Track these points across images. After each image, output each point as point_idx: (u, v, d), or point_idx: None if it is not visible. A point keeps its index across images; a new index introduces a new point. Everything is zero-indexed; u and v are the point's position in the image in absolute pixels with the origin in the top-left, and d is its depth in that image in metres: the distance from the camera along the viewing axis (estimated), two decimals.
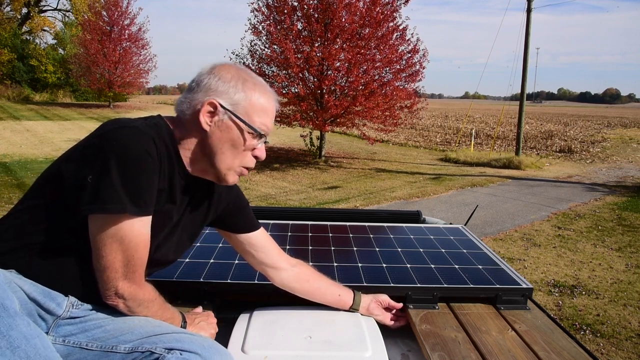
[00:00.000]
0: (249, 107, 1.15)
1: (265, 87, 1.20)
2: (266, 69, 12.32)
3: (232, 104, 1.13)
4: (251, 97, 1.15)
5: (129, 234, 1.04)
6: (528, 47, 13.13)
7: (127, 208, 1.01)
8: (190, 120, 1.14)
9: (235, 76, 1.15)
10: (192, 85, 1.16)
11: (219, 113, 1.13)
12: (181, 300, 1.49)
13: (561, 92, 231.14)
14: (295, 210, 2.56)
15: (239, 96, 1.14)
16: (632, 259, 5.36)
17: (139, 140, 1.03)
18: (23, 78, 31.47)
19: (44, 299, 1.04)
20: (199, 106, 1.12)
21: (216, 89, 1.13)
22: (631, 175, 12.12)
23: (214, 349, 1.07)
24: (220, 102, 1.12)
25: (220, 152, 1.15)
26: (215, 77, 1.14)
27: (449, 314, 1.49)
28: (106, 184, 0.99)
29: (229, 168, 1.18)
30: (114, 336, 1.07)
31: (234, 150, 1.16)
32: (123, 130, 1.03)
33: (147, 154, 1.03)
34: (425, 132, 22.36)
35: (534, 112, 43.97)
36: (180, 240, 1.28)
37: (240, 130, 1.14)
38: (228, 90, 1.14)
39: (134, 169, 1.01)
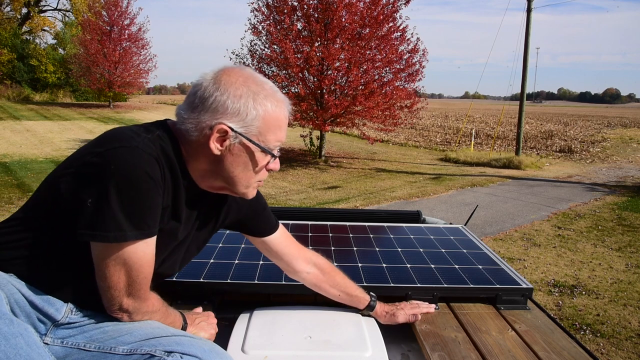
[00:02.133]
0: (262, 127, 1.06)
1: (276, 95, 1.10)
2: (266, 69, 12.32)
3: (244, 125, 1.05)
4: (264, 114, 1.06)
5: (132, 256, 1.01)
6: (528, 47, 13.13)
7: (128, 235, 0.98)
8: (197, 142, 1.06)
9: (245, 91, 1.04)
10: (196, 102, 1.05)
11: (229, 137, 1.04)
12: (181, 300, 1.50)
13: (561, 92, 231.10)
14: (295, 210, 2.56)
15: (251, 116, 1.05)
16: (632, 259, 5.36)
17: (139, 162, 0.97)
18: (23, 78, 31.46)
19: (43, 304, 1.04)
20: (207, 130, 1.04)
21: (225, 110, 1.03)
22: (631, 175, 12.12)
23: (214, 352, 1.06)
24: (231, 126, 1.03)
25: (233, 174, 1.10)
26: (224, 95, 1.03)
27: (449, 314, 1.49)
28: (106, 211, 0.95)
29: (247, 187, 1.13)
30: (112, 337, 1.07)
31: (248, 172, 1.11)
32: (123, 152, 0.97)
33: (149, 176, 0.98)
34: (425, 132, 22.35)
35: (534, 112, 43.97)
36: (188, 252, 1.26)
37: (252, 153, 1.08)
38: (239, 110, 1.04)
39: (134, 194, 0.97)
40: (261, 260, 1.71)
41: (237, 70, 1.07)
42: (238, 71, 1.07)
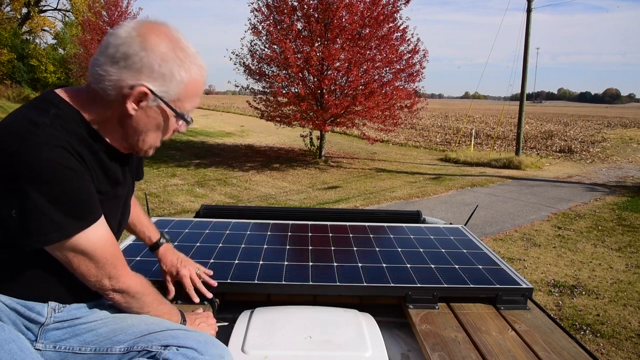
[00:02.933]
0: (182, 93, 1.04)
1: (198, 60, 1.06)
2: (266, 69, 12.32)
3: (165, 90, 1.01)
4: (187, 81, 1.03)
5: (87, 244, 0.99)
6: (528, 47, 13.13)
7: (71, 230, 0.96)
8: (112, 101, 1.01)
9: (172, 56, 1.00)
10: (117, 56, 0.97)
11: (148, 100, 1.01)
12: (181, 300, 1.49)
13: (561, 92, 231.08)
14: (295, 210, 2.56)
15: (175, 82, 1.01)
16: (632, 259, 5.36)
17: (50, 158, 0.91)
18: (23, 78, 31.47)
19: (23, 309, 1.03)
20: (126, 90, 0.99)
21: (150, 72, 0.98)
22: (631, 175, 12.12)
23: (210, 343, 1.07)
24: (153, 89, 1.00)
25: (144, 134, 1.07)
26: (150, 56, 0.98)
27: (449, 314, 1.49)
28: (35, 215, 0.91)
29: (151, 147, 1.12)
30: (107, 338, 1.07)
31: (158, 132, 1.08)
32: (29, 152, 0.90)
33: (65, 167, 0.93)
34: (425, 132, 22.35)
35: (534, 112, 43.96)
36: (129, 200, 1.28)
37: (167, 116, 1.06)
38: (164, 74, 1.00)
39: (58, 189, 0.93)
40: (261, 260, 1.71)
41: (164, 29, 1.02)
42: (165, 30, 1.02)
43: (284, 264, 1.68)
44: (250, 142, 16.72)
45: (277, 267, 1.65)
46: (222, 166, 11.60)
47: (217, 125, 22.93)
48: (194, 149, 14.55)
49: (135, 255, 1.72)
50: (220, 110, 33.63)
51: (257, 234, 2.03)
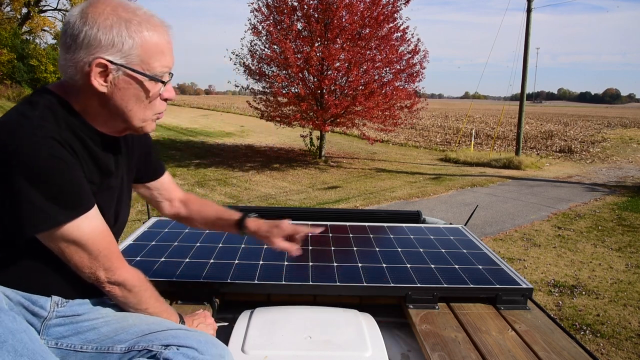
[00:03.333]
0: (143, 54, 0.99)
1: (152, 20, 1.02)
2: (266, 69, 12.32)
3: (123, 56, 0.98)
4: (142, 40, 0.99)
5: (80, 236, 0.99)
6: (528, 47, 13.13)
7: (61, 219, 0.96)
8: (83, 86, 1.00)
9: (115, 20, 0.97)
10: (68, 41, 0.97)
11: (111, 71, 0.98)
12: (181, 300, 1.50)
13: (561, 92, 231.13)
14: (295, 210, 2.56)
15: (128, 44, 0.98)
16: (632, 259, 5.36)
17: (39, 149, 0.92)
18: (23, 78, 31.46)
19: (28, 303, 1.03)
20: (87, 68, 0.97)
21: (98, 43, 0.96)
22: (631, 175, 12.12)
23: (211, 343, 1.07)
24: (109, 58, 0.97)
25: (127, 109, 1.04)
26: (93, 28, 0.95)
27: (449, 314, 1.49)
28: (26, 205, 0.92)
29: (144, 120, 1.08)
30: (108, 337, 1.07)
31: (140, 104, 1.04)
32: (18, 144, 0.91)
33: (55, 157, 0.93)
34: (425, 132, 22.35)
35: (534, 112, 43.96)
36: (128, 194, 1.27)
37: (140, 82, 1.02)
38: (113, 40, 0.96)
39: (48, 179, 0.93)
40: (261, 260, 1.71)
41: (104, 0, 0.99)
42: (104, 1, 0.99)
43: (283, 264, 1.68)
44: (250, 142, 16.72)
45: (277, 267, 1.65)
46: (222, 166, 11.60)
47: (217, 125, 22.92)
48: (194, 149, 14.56)
49: (135, 255, 1.72)
50: (220, 110, 33.64)
51: None
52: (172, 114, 28.22)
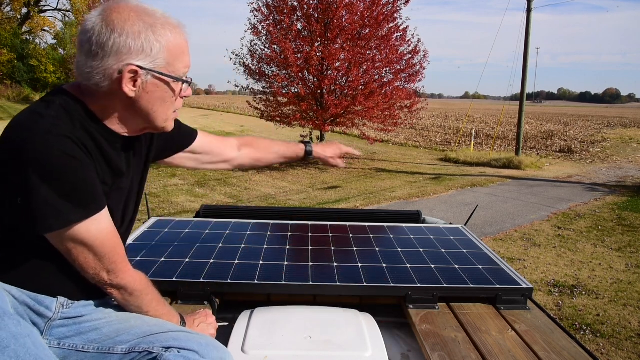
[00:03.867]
0: (168, 57, 1.03)
1: (171, 21, 1.05)
2: (266, 69, 12.32)
3: (152, 61, 1.01)
4: (166, 43, 1.02)
5: (88, 237, 1.00)
6: (528, 47, 13.13)
7: (72, 217, 0.96)
8: (110, 91, 1.02)
9: (142, 26, 0.99)
10: (94, 49, 0.98)
11: (140, 76, 1.01)
12: (181, 300, 1.50)
13: (561, 92, 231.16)
14: (295, 210, 2.56)
15: (156, 49, 1.01)
16: (632, 259, 5.36)
17: (54, 146, 0.93)
18: (23, 78, 31.45)
19: (33, 303, 1.04)
20: (116, 75, 0.99)
21: (129, 50, 0.99)
22: (631, 175, 12.12)
23: (212, 346, 1.07)
24: (139, 64, 1.00)
25: (152, 111, 1.07)
26: (122, 35, 0.98)
27: (449, 314, 1.49)
28: (38, 202, 0.92)
29: (166, 120, 1.12)
30: (110, 337, 1.07)
31: (165, 104, 1.09)
32: (33, 141, 0.92)
33: (69, 156, 0.94)
34: (425, 132, 22.35)
35: (534, 112, 43.96)
36: (138, 194, 1.27)
37: (167, 84, 1.06)
38: (142, 47, 0.99)
39: (61, 177, 0.94)
40: (261, 260, 1.71)
41: (124, 5, 1.02)
42: (125, 6, 1.02)
43: (284, 264, 1.68)
44: None
45: (277, 267, 1.65)
46: None
47: (217, 125, 22.93)
48: None
49: (135, 255, 1.72)
50: (220, 110, 33.63)
51: (257, 234, 2.03)
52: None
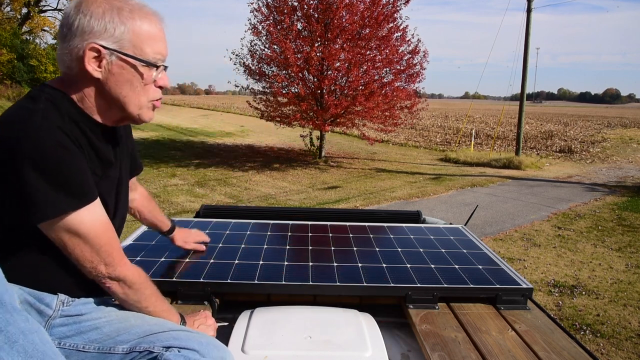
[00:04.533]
0: (134, 39, 1.03)
1: (144, 9, 1.06)
2: (266, 69, 12.32)
3: (115, 41, 1.02)
4: (133, 26, 1.03)
5: (82, 227, 1.01)
6: (528, 47, 13.13)
7: (65, 206, 0.97)
8: (79, 74, 1.04)
9: (107, 8, 1.01)
10: (64, 31, 1.02)
11: (105, 56, 1.02)
12: (181, 300, 1.50)
13: (561, 92, 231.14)
14: (295, 210, 2.56)
15: (120, 30, 1.02)
16: (632, 259, 5.36)
17: (47, 140, 0.95)
18: (23, 78, 31.44)
19: (33, 300, 1.04)
20: (81, 53, 1.01)
21: (91, 29, 1.00)
22: (631, 175, 12.12)
23: (212, 345, 1.07)
24: (102, 43, 1.01)
25: (122, 95, 1.06)
26: (86, 16, 1.00)
27: (449, 314, 1.49)
28: (34, 193, 0.94)
29: (140, 107, 1.10)
30: (110, 337, 1.07)
31: (134, 89, 1.07)
32: (26, 135, 0.94)
33: (62, 146, 0.96)
34: (425, 132, 22.35)
35: (534, 112, 43.95)
36: (127, 185, 1.30)
37: (133, 67, 1.05)
38: (105, 26, 1.01)
39: (54, 167, 0.95)
40: (261, 260, 1.71)
41: None
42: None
43: (284, 264, 1.68)
44: (250, 142, 16.72)
45: (277, 267, 1.65)
46: (222, 166, 11.60)
47: (217, 125, 22.92)
48: (194, 149, 14.56)
49: (135, 255, 1.72)
50: (220, 110, 33.62)
51: (257, 234, 2.03)
52: (172, 113, 28.23)
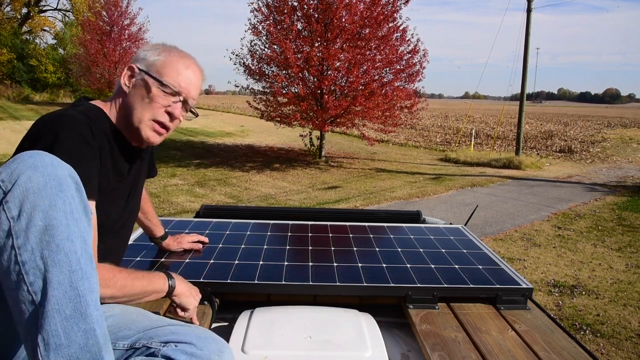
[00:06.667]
0: (162, 66, 1.22)
1: (189, 58, 1.27)
2: (266, 69, 12.32)
3: (148, 65, 1.22)
4: (167, 59, 1.23)
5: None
6: (528, 47, 13.13)
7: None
8: (118, 90, 1.25)
9: (156, 45, 1.26)
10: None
11: (135, 75, 1.22)
12: None
13: (561, 92, 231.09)
14: (295, 210, 2.56)
15: (156, 59, 1.23)
16: (632, 259, 5.36)
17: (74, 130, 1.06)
18: (23, 78, 31.45)
19: None
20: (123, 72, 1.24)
21: (138, 56, 1.25)
22: (631, 175, 12.12)
23: (210, 338, 1.08)
24: (138, 65, 1.23)
25: (132, 107, 1.21)
26: (143, 49, 1.26)
27: (449, 314, 1.49)
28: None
29: (140, 121, 1.20)
30: (112, 332, 1.07)
31: (142, 103, 1.20)
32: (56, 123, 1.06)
33: (86, 141, 1.07)
34: (425, 132, 22.35)
35: (534, 112, 43.95)
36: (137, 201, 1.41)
37: (150, 85, 1.21)
38: (148, 55, 1.23)
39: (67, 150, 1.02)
40: (261, 260, 1.71)
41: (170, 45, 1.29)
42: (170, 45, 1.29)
43: (284, 264, 1.68)
44: (250, 142, 16.72)
45: (277, 267, 1.65)
46: (222, 166, 11.60)
47: (217, 125, 22.92)
48: (194, 149, 14.55)
49: (135, 255, 1.73)
50: (220, 110, 33.62)
51: (257, 234, 2.03)
52: None
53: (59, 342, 0.79)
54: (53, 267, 0.80)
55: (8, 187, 0.83)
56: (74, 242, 0.83)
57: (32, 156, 0.86)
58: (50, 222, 0.82)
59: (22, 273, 0.80)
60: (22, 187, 0.82)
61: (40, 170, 0.84)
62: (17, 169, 0.84)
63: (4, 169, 0.85)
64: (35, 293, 0.80)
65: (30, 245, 0.80)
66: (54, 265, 0.80)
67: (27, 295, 0.80)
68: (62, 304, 0.80)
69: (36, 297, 0.80)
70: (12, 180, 0.83)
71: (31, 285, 0.80)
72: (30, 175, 0.83)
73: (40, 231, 0.81)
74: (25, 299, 0.80)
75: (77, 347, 0.80)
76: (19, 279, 0.80)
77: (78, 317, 0.81)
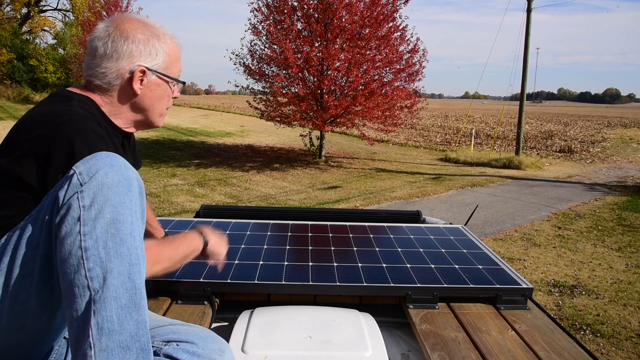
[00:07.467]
0: (168, 61, 1.25)
1: (167, 31, 1.28)
2: (266, 69, 12.32)
3: (156, 63, 1.23)
4: (166, 49, 1.25)
5: None
6: (528, 47, 13.13)
7: None
8: (119, 89, 1.21)
9: (148, 34, 1.22)
10: (108, 52, 1.17)
11: (147, 76, 1.22)
12: (181, 300, 1.50)
13: (561, 92, 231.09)
14: (295, 210, 2.56)
15: (160, 54, 1.23)
16: (632, 259, 5.36)
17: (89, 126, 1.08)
18: (23, 78, 31.44)
19: None
20: (128, 74, 1.19)
21: (140, 54, 1.20)
22: (631, 175, 12.12)
23: (211, 338, 1.09)
24: (147, 65, 1.21)
25: (152, 107, 1.26)
26: (133, 41, 1.19)
27: (449, 313, 1.49)
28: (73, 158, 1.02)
29: (160, 114, 1.31)
30: None
31: (162, 101, 1.28)
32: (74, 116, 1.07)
33: (99, 136, 1.09)
34: (425, 132, 22.35)
35: (534, 112, 43.93)
36: None
37: (166, 84, 1.27)
38: (149, 51, 1.21)
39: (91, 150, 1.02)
40: (261, 260, 1.71)
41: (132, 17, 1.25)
42: (133, 18, 1.24)
43: (284, 264, 1.68)
44: (250, 142, 16.72)
45: (277, 267, 1.65)
46: (222, 166, 11.60)
47: (217, 125, 22.92)
48: (194, 149, 14.56)
49: None
50: (220, 110, 33.62)
51: (257, 234, 2.03)
52: (172, 113, 28.21)
53: (112, 327, 0.83)
54: (115, 258, 0.86)
55: (85, 179, 0.90)
56: (135, 238, 0.90)
57: (108, 156, 0.94)
58: (117, 217, 0.89)
59: (83, 258, 0.85)
60: (99, 180, 0.89)
61: (116, 169, 0.92)
62: (95, 165, 0.91)
63: (82, 164, 0.92)
64: (92, 279, 0.84)
65: (95, 234, 0.86)
66: (117, 256, 0.86)
67: (84, 280, 0.84)
68: (120, 292, 0.85)
69: (92, 282, 0.85)
70: (90, 173, 0.90)
71: (89, 271, 0.85)
72: (107, 171, 0.91)
73: (107, 223, 0.88)
74: (80, 283, 0.84)
75: (128, 335, 0.84)
76: (79, 263, 0.85)
77: (132, 307, 0.86)
